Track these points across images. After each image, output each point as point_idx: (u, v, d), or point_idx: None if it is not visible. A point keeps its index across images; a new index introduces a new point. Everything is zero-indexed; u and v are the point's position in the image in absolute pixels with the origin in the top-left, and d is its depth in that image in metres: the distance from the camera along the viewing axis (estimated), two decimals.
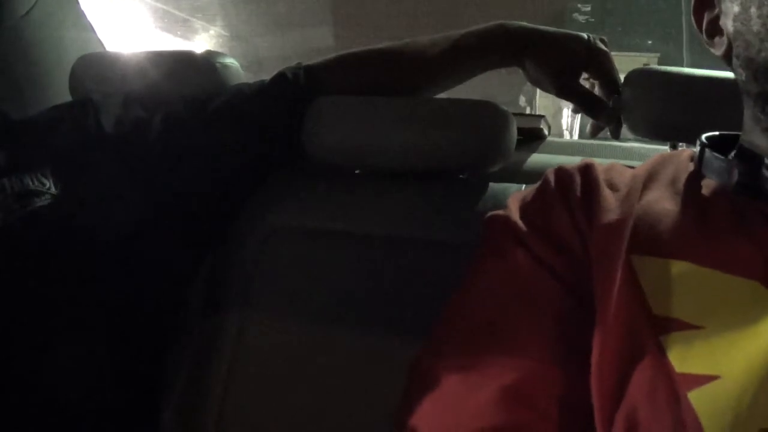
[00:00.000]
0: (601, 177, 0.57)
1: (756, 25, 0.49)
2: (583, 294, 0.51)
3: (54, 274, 0.68)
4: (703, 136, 0.58)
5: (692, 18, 0.58)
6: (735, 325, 0.44)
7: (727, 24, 0.53)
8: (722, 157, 0.54)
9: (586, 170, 0.58)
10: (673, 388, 0.43)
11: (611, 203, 0.54)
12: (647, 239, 0.50)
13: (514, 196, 0.61)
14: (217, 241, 0.82)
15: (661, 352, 0.45)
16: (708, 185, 0.54)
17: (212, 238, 0.82)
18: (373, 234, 0.79)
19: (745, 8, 0.50)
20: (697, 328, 0.45)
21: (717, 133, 0.58)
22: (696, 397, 0.42)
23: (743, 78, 0.52)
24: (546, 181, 0.59)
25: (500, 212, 0.59)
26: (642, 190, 0.55)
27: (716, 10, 0.55)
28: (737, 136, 0.57)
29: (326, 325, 0.76)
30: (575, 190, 0.56)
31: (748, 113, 0.54)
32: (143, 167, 0.75)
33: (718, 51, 0.55)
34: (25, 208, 0.68)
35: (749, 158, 0.52)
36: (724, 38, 0.54)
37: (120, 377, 0.72)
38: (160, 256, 0.75)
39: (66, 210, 0.70)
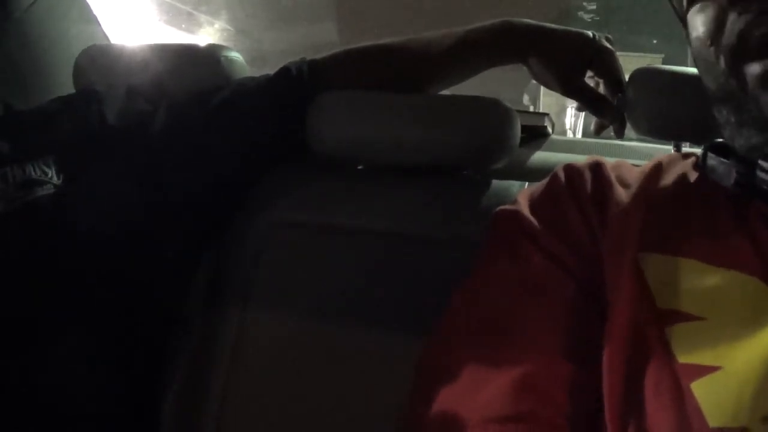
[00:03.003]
0: (612, 174, 0.57)
1: (701, 59, 0.53)
2: (593, 289, 0.51)
3: (54, 266, 0.68)
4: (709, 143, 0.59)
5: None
6: (736, 319, 0.46)
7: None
8: (723, 160, 0.55)
9: (597, 167, 0.58)
10: (676, 379, 0.44)
11: (623, 200, 0.54)
12: (654, 237, 0.52)
13: (523, 191, 0.61)
14: (218, 235, 0.82)
15: (666, 344, 0.46)
16: (711, 187, 0.55)
17: (213, 233, 0.82)
18: (375, 230, 0.79)
19: (694, 44, 0.53)
20: (699, 319, 0.46)
21: (722, 139, 0.59)
22: (698, 388, 0.43)
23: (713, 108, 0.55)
24: (555, 178, 0.60)
25: (509, 207, 0.59)
26: (650, 189, 0.55)
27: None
28: None
29: (328, 322, 0.76)
30: (586, 186, 0.57)
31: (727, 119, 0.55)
32: (145, 159, 0.75)
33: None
34: (26, 198, 0.68)
35: (745, 161, 0.53)
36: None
37: (120, 374, 0.72)
38: (161, 250, 0.75)
39: (68, 200, 0.70)
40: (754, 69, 0.48)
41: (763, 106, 0.48)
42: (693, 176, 0.57)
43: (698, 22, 0.52)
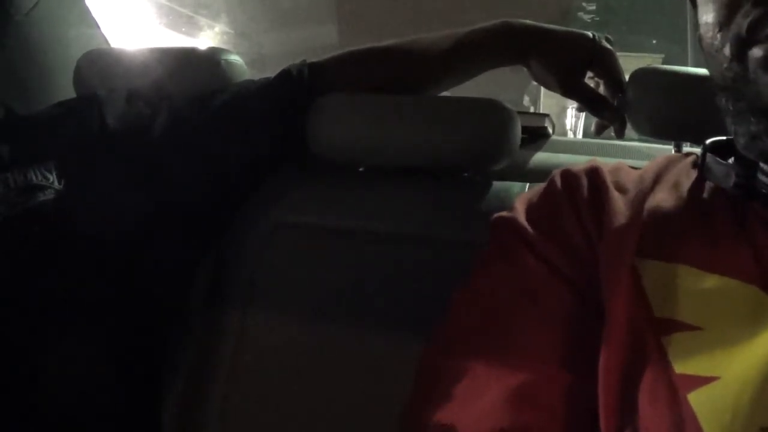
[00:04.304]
0: (609, 179, 0.57)
1: (708, 47, 0.52)
2: (590, 296, 0.51)
3: (55, 270, 0.69)
4: (708, 141, 0.59)
5: (697, 35, 0.59)
6: (734, 328, 0.45)
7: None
8: (722, 162, 0.55)
9: (593, 173, 0.58)
10: (673, 389, 0.44)
11: (620, 206, 0.54)
12: (651, 243, 0.51)
13: (521, 197, 0.61)
14: (219, 237, 0.82)
15: (663, 354, 0.45)
16: (710, 189, 0.55)
17: (214, 235, 0.82)
18: (376, 231, 0.79)
19: (703, 30, 0.53)
20: (697, 329, 0.46)
21: (724, 138, 0.59)
22: (695, 398, 0.43)
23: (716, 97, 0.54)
24: (552, 183, 0.59)
25: (506, 213, 0.59)
26: (648, 193, 0.55)
27: None
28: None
29: (329, 323, 0.76)
30: (582, 192, 0.56)
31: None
32: (147, 163, 0.75)
33: None
34: (27, 202, 0.69)
35: (746, 162, 0.53)
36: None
37: (120, 376, 0.72)
38: (162, 252, 0.75)
39: (69, 205, 0.70)
40: (756, 52, 0.47)
41: (762, 89, 0.47)
42: (692, 178, 0.57)
43: (709, 7, 0.51)
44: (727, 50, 0.50)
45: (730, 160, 0.55)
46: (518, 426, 0.46)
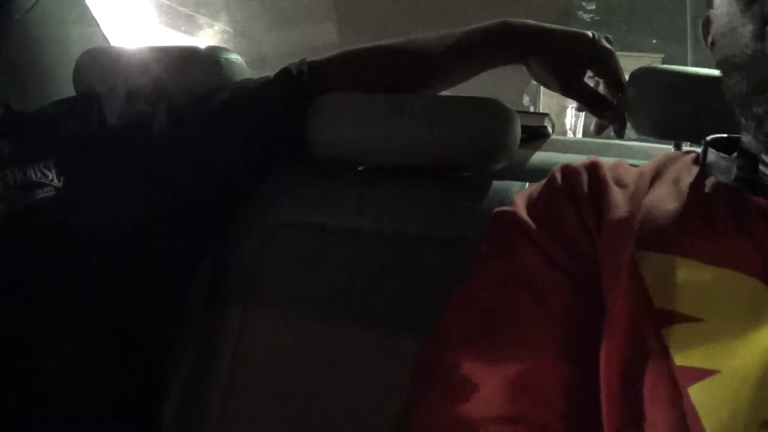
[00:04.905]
0: (609, 175, 0.57)
1: (726, 26, 0.53)
2: (590, 290, 0.51)
3: (55, 268, 0.68)
4: (708, 138, 0.59)
5: (700, 23, 0.59)
6: (734, 320, 0.45)
7: (713, 27, 0.55)
8: (724, 155, 0.55)
9: (593, 168, 0.58)
10: (674, 383, 0.44)
11: (620, 200, 0.54)
12: (651, 236, 0.51)
13: (521, 193, 0.61)
14: (218, 236, 0.82)
15: (663, 346, 0.46)
16: (711, 184, 0.55)
17: (214, 234, 0.82)
18: (376, 231, 0.79)
19: (721, 10, 0.53)
20: (697, 320, 0.46)
21: (725, 135, 0.59)
22: (696, 392, 0.43)
23: (725, 80, 0.55)
24: (553, 179, 0.60)
25: (507, 208, 0.59)
26: (648, 188, 0.55)
27: (709, 12, 0.57)
28: (740, 137, 0.58)
29: (329, 322, 0.76)
30: (582, 187, 0.57)
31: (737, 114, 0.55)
32: (146, 162, 0.75)
33: (713, 54, 0.57)
34: (27, 200, 0.69)
35: (748, 156, 0.53)
36: (710, 38, 0.57)
37: (120, 375, 0.72)
38: (161, 251, 0.75)
39: (68, 202, 0.70)
40: None
41: None
42: (692, 173, 0.57)
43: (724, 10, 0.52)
44: (749, 28, 0.50)
45: (732, 155, 0.55)
46: (517, 415, 0.47)
